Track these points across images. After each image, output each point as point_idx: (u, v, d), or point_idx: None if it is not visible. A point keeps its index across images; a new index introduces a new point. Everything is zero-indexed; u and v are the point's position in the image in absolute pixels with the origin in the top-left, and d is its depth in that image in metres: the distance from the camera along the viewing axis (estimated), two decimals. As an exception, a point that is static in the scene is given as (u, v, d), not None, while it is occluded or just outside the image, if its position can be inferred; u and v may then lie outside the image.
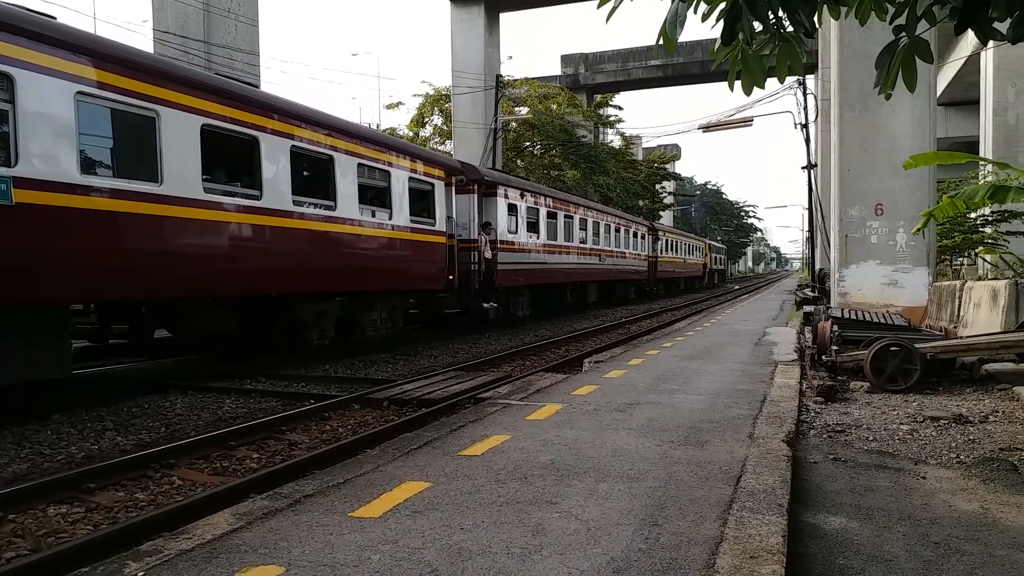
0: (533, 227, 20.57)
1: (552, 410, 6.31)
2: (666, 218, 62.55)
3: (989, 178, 11.63)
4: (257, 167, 10.09)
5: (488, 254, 17.23)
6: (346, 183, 11.85)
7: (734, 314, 20.45)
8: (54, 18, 7.76)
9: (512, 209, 19.05)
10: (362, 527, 3.46)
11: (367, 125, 21.59)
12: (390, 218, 13.14)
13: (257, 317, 11.16)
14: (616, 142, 48.78)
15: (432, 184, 14.69)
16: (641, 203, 46.63)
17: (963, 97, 29.97)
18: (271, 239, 10.26)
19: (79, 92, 7.65)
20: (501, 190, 18.37)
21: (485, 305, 17.46)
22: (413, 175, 13.91)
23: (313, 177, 11.60)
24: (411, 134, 37.98)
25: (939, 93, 26.29)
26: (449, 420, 6.15)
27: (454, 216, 15.72)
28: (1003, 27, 3.19)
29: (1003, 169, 6.73)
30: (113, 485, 5.48)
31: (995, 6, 2.96)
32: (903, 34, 3.34)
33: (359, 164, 12.21)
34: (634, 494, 3.94)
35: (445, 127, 38.00)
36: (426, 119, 39.05)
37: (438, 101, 38.21)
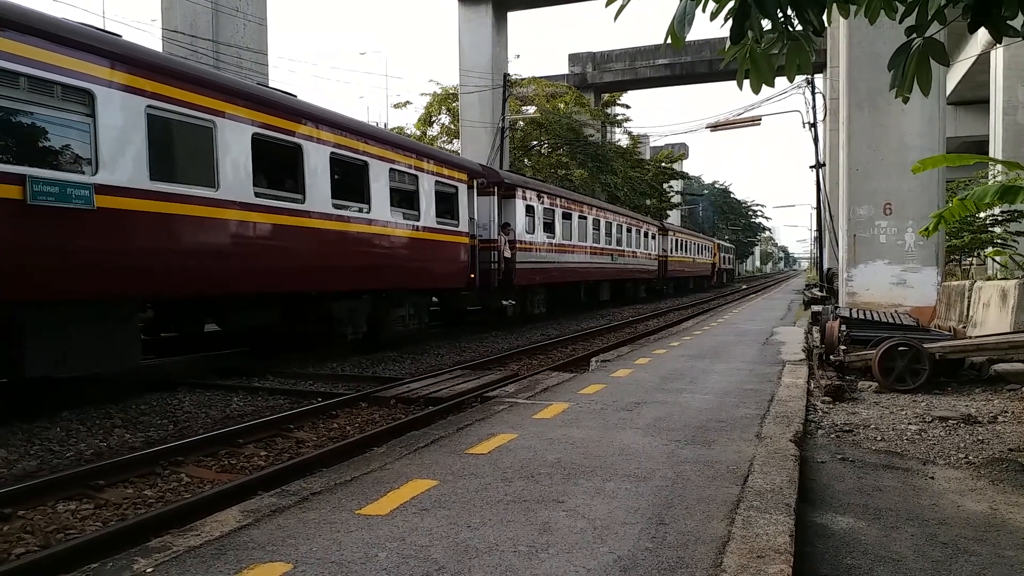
0: (549, 227, 21.19)
1: (559, 409, 6.31)
2: (673, 217, 62.47)
3: (999, 178, 11.57)
4: (300, 172, 10.70)
5: (507, 253, 17.89)
6: (379, 187, 12.48)
7: (741, 313, 20.40)
8: (120, 36, 8.35)
9: (529, 210, 19.65)
10: (369, 525, 3.47)
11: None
12: (418, 220, 13.75)
13: (296, 313, 11.69)
14: (623, 141, 48.71)
15: (456, 187, 15.32)
16: (648, 202, 46.56)
17: (972, 96, 29.82)
18: (313, 240, 10.88)
19: (148, 105, 8.32)
20: (519, 192, 18.99)
21: (504, 303, 18.20)
22: (439, 179, 14.55)
23: (349, 181, 12.09)
24: (418, 133, 38.03)
25: (948, 92, 26.15)
26: (456, 418, 6.16)
27: (475, 217, 16.46)
28: (1016, 23, 3.18)
29: (1013, 169, 6.69)
30: (122, 482, 5.50)
31: (1007, 4, 2.95)
32: (915, 35, 3.33)
33: (390, 169, 12.83)
34: (641, 493, 3.94)
35: (452, 126, 38.01)
36: (433, 118, 39.07)
37: (445, 100, 38.21)
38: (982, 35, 21.54)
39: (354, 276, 12.01)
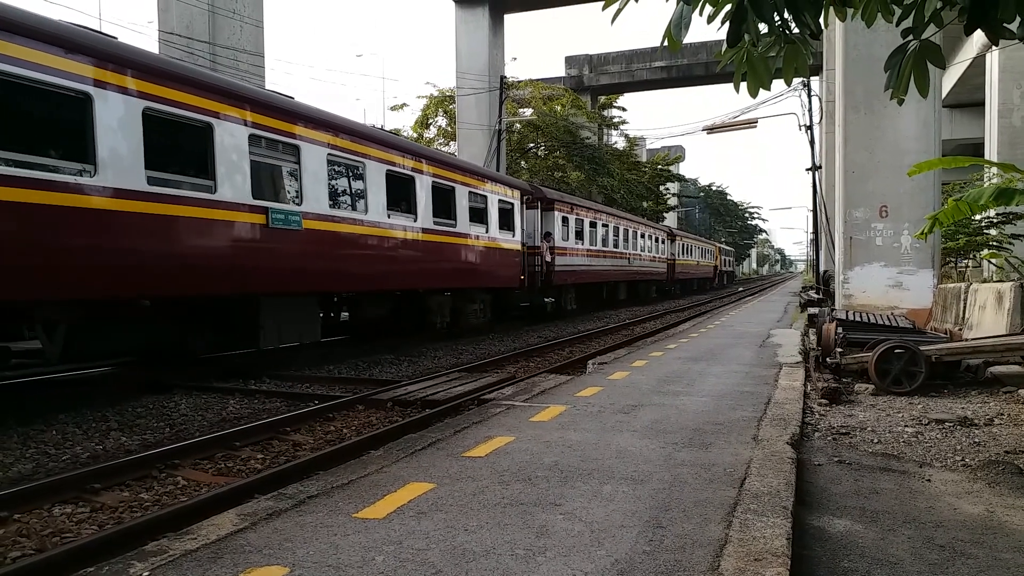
0: (579, 235, 24.21)
1: (556, 412, 6.31)
2: (670, 219, 62.67)
3: (994, 180, 11.59)
4: (413, 197, 13.85)
5: (548, 258, 21.01)
6: (462, 206, 15.72)
7: (738, 316, 20.42)
8: (292, 97, 11.21)
9: (564, 221, 22.80)
10: (366, 528, 3.46)
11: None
12: (487, 231, 16.99)
13: (403, 306, 14.74)
14: (620, 144, 48.75)
15: (512, 203, 18.67)
16: (645, 204, 46.62)
17: (968, 99, 29.89)
18: (420, 249, 13.99)
19: (328, 153, 11.34)
20: (558, 205, 22.30)
21: (546, 300, 21.81)
22: (501, 197, 17.91)
23: (443, 202, 15.12)
24: (415, 135, 38.01)
25: (944, 95, 26.19)
26: (453, 421, 6.15)
27: (525, 228, 19.71)
28: (1013, 26, 3.18)
29: (1008, 171, 6.70)
30: (118, 485, 5.49)
31: (1004, 6, 2.95)
32: (911, 37, 3.33)
33: (469, 192, 16.12)
34: (638, 496, 3.93)
35: (449, 128, 38.01)
36: (430, 120, 39.08)
37: (442, 102, 38.23)
38: (978, 38, 21.59)
39: (444, 277, 15.15)
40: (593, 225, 25.73)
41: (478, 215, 16.68)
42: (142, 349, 10.04)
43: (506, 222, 18.22)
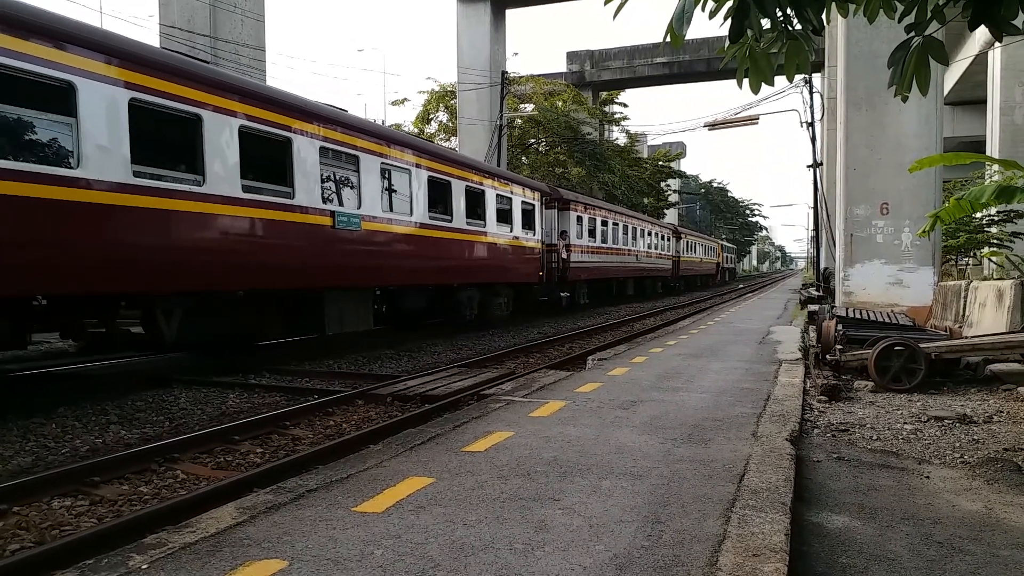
0: (591, 234, 25.49)
1: (555, 407, 6.31)
2: (670, 216, 62.68)
3: (995, 177, 11.58)
4: (451, 200, 15.25)
5: (564, 255, 22.50)
6: (490, 208, 17.11)
7: (739, 312, 20.42)
8: (346, 110, 12.38)
9: (579, 220, 24.20)
10: (365, 522, 3.46)
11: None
12: (511, 231, 18.40)
13: (438, 299, 15.82)
14: (621, 139, 48.69)
15: (533, 204, 20.17)
16: (646, 201, 46.58)
17: (970, 96, 29.83)
18: (454, 248, 15.43)
19: (382, 162, 12.59)
20: (574, 206, 23.69)
21: (562, 295, 23.03)
22: (523, 199, 19.35)
23: (474, 204, 16.52)
24: (416, 130, 37.96)
25: (946, 92, 26.12)
26: (453, 416, 6.15)
27: (544, 227, 21.01)
28: (1017, 22, 3.18)
29: (1009, 168, 6.69)
30: (117, 478, 5.49)
31: (1008, 2, 2.95)
32: (913, 34, 3.32)
33: (497, 195, 17.54)
34: (637, 491, 3.94)
35: (450, 123, 37.95)
36: (431, 116, 39.01)
37: (443, 98, 38.15)
38: (980, 35, 21.56)
39: (475, 273, 16.57)
40: (605, 224, 26.98)
41: (504, 216, 17.99)
42: (231, 335, 10.93)
43: (528, 222, 19.61)
